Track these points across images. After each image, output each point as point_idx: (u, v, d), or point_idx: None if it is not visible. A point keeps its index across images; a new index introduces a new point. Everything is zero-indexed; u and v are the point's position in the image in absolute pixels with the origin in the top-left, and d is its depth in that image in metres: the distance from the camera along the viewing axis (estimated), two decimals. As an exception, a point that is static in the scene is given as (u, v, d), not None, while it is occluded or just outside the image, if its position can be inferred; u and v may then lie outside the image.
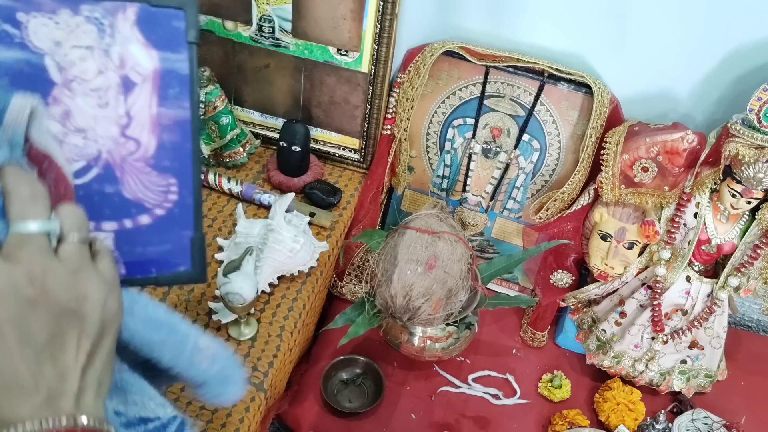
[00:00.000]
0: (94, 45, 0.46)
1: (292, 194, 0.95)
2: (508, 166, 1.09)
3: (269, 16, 1.03)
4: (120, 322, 0.43)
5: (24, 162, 0.42)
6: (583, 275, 1.12)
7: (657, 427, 0.97)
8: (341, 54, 1.03)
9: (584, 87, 1.00)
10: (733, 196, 0.90)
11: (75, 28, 0.46)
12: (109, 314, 0.41)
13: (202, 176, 1.04)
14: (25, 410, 0.37)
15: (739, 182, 0.88)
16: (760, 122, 0.84)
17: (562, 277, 1.08)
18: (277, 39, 1.05)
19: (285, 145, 1.04)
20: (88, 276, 0.41)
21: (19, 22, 0.45)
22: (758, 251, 0.94)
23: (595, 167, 0.99)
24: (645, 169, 0.93)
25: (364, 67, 1.03)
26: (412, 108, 1.05)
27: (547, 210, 1.05)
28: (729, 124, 0.87)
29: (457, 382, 1.06)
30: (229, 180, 1.04)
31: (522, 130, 1.06)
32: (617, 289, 1.05)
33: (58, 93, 0.46)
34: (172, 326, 0.49)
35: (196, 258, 0.50)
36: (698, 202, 0.94)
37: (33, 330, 0.38)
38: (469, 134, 1.08)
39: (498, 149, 1.08)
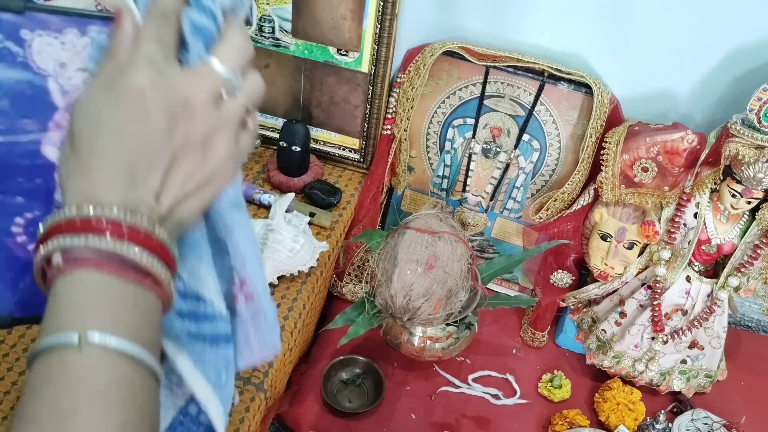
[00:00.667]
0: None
1: (292, 194, 0.95)
2: (508, 166, 1.09)
3: (269, 16, 1.03)
4: (225, 187, 0.43)
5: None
6: (583, 275, 1.12)
7: (657, 427, 0.97)
8: (341, 54, 1.03)
9: (584, 87, 1.00)
10: (733, 196, 0.90)
11: (81, 50, 0.44)
12: (224, 173, 0.42)
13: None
14: (121, 195, 0.38)
15: (739, 182, 0.88)
16: (760, 122, 0.84)
17: (562, 277, 1.08)
18: (277, 39, 1.05)
19: (285, 145, 1.04)
20: (227, 133, 0.42)
21: (23, 39, 0.42)
22: (758, 251, 0.94)
23: (595, 167, 0.99)
24: (645, 169, 0.93)
25: (364, 67, 1.03)
26: (412, 108, 1.05)
27: (547, 210, 1.05)
28: (729, 124, 0.87)
29: (457, 382, 1.06)
30: (229, 180, 1.04)
31: (522, 130, 1.06)
32: (617, 289, 1.05)
33: (59, 118, 0.44)
34: (248, 220, 0.48)
35: None
36: (698, 202, 0.94)
37: (163, 138, 0.39)
38: (469, 134, 1.08)
39: (498, 149, 1.08)
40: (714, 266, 1.00)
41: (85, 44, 0.44)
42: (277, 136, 1.08)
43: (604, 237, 1.00)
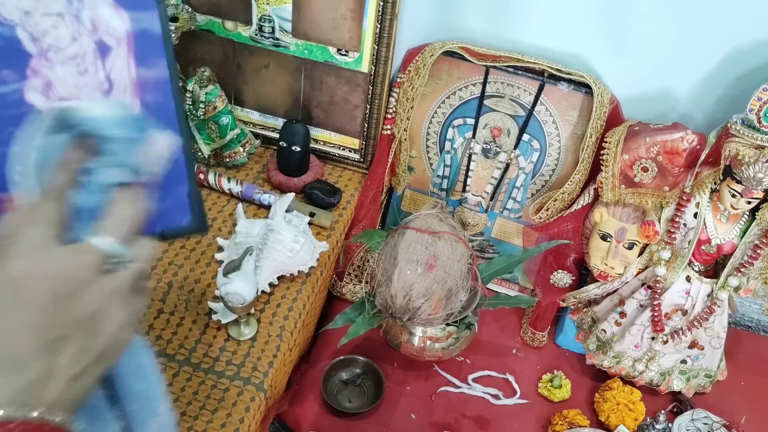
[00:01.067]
0: (63, 11, 0.46)
1: (292, 194, 0.95)
2: (508, 166, 1.09)
3: (269, 16, 1.03)
4: (120, 356, 0.44)
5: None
6: (583, 275, 1.12)
7: (657, 427, 0.97)
8: (341, 54, 1.03)
9: (584, 87, 1.00)
10: (733, 196, 0.90)
11: None
12: (118, 344, 0.43)
13: (202, 176, 1.04)
14: (6, 393, 0.38)
15: (739, 182, 0.88)
16: (760, 122, 0.84)
17: (562, 277, 1.08)
18: (277, 39, 1.05)
19: (285, 145, 1.04)
20: (120, 303, 0.42)
21: None
22: (758, 251, 0.94)
23: (595, 167, 0.99)
24: (645, 169, 0.93)
25: (364, 67, 1.03)
26: (412, 108, 1.05)
27: (547, 210, 1.05)
28: (729, 124, 0.87)
29: (457, 382, 1.06)
30: (229, 180, 1.04)
31: (522, 130, 1.06)
32: (617, 289, 1.05)
33: (35, 64, 0.45)
34: (151, 382, 0.50)
35: (195, 210, 0.50)
36: (698, 202, 0.94)
37: (49, 321, 0.39)
38: (469, 134, 1.08)
39: (498, 149, 1.08)
40: (714, 266, 1.00)
41: None
42: (277, 136, 1.08)
43: (604, 237, 1.00)
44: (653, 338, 1.02)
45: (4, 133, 0.45)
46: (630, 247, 0.99)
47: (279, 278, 0.93)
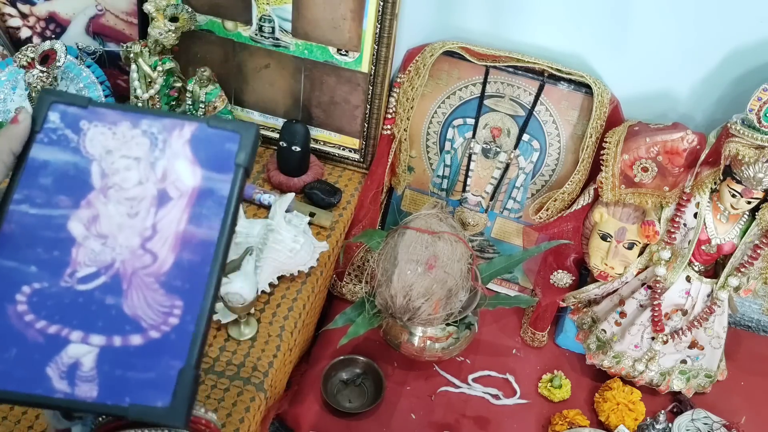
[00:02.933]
0: (142, 157, 0.47)
1: (292, 194, 0.95)
2: (508, 166, 1.09)
3: (269, 16, 1.03)
4: None
5: None
6: (583, 275, 1.12)
7: (657, 427, 0.97)
8: (341, 54, 1.03)
9: (584, 87, 1.00)
10: (733, 196, 0.90)
11: (130, 140, 0.47)
12: None
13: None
14: None
15: (739, 182, 0.88)
16: (760, 122, 0.84)
17: (562, 277, 1.08)
18: (277, 39, 1.05)
19: (285, 145, 1.04)
20: None
21: (81, 129, 0.47)
22: (758, 251, 0.94)
23: (595, 167, 0.99)
24: (645, 169, 0.93)
25: (364, 67, 1.03)
26: (412, 108, 1.05)
27: (547, 210, 1.05)
28: (729, 124, 0.87)
29: (457, 382, 1.06)
30: (229, 180, 1.04)
31: (522, 130, 1.06)
32: (617, 289, 1.05)
33: (93, 197, 0.46)
34: None
35: (180, 396, 0.42)
36: (698, 202, 0.94)
37: None
38: (469, 134, 1.08)
39: (498, 149, 1.08)
40: (714, 266, 1.00)
41: (135, 135, 0.47)
42: (277, 136, 1.08)
43: (604, 237, 1.00)
44: (653, 338, 1.02)
45: (31, 252, 0.45)
46: (630, 247, 0.99)
47: (279, 278, 0.93)
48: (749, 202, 0.90)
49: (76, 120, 0.47)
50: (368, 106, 1.06)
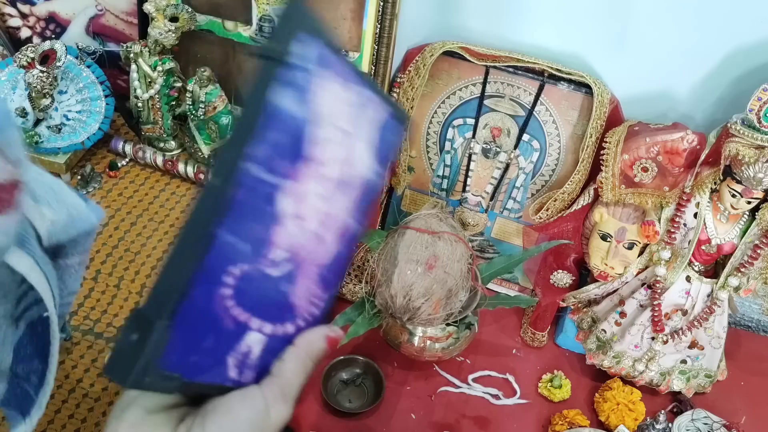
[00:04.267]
0: (348, 131, 0.41)
1: (292, 194, 0.95)
2: (508, 166, 1.09)
3: (269, 16, 1.03)
4: None
5: None
6: (583, 275, 1.12)
7: (657, 427, 0.97)
8: (341, 54, 1.03)
9: (584, 87, 1.00)
10: (733, 196, 0.90)
11: (346, 107, 0.40)
12: None
13: (201, 176, 1.04)
14: None
15: (739, 182, 0.88)
16: (760, 122, 0.84)
17: (562, 277, 1.08)
18: (277, 39, 1.04)
19: (285, 145, 1.04)
20: None
21: (316, 74, 0.38)
22: (758, 251, 0.94)
23: (595, 167, 0.99)
24: (645, 169, 0.93)
25: (364, 67, 1.03)
26: (412, 108, 1.05)
27: (547, 210, 1.05)
28: (729, 124, 0.87)
29: (457, 382, 1.06)
30: (229, 180, 1.04)
31: (522, 130, 1.06)
32: (617, 289, 1.05)
33: (304, 169, 0.39)
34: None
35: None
36: (698, 202, 0.94)
37: None
38: (469, 134, 1.08)
39: (498, 149, 1.08)
40: (714, 266, 1.00)
41: (350, 102, 0.41)
42: (277, 136, 1.08)
43: (604, 237, 1.00)
44: (653, 338, 1.02)
45: (248, 226, 0.37)
46: (630, 247, 0.99)
47: (279, 278, 0.93)
48: (749, 202, 0.90)
49: (321, 60, 0.38)
50: (368, 106, 1.06)
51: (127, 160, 1.09)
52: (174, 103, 1.06)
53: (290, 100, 0.36)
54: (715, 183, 0.91)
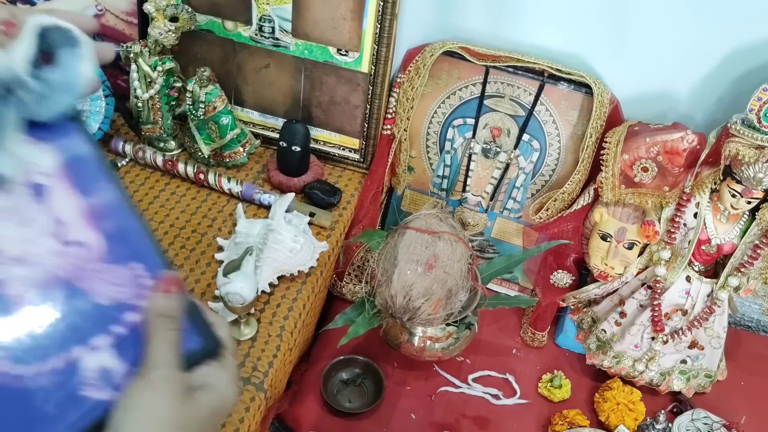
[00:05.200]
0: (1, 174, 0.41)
1: (292, 194, 0.95)
2: (508, 166, 1.09)
3: (269, 16, 1.03)
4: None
5: None
6: (583, 275, 1.12)
7: (657, 427, 0.97)
8: (341, 54, 1.03)
9: (584, 87, 1.00)
10: (733, 196, 0.90)
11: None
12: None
13: (202, 176, 1.04)
14: None
15: (739, 182, 0.88)
16: (760, 122, 0.84)
17: (562, 277, 1.08)
18: (277, 39, 1.05)
19: (285, 145, 1.04)
20: None
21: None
22: (758, 251, 0.94)
23: (595, 167, 0.99)
24: (645, 169, 0.93)
25: (364, 67, 1.03)
26: (412, 108, 1.05)
27: (547, 210, 1.05)
28: (729, 124, 0.87)
29: (457, 382, 1.06)
30: (229, 180, 1.04)
31: (522, 130, 1.06)
32: (617, 289, 1.05)
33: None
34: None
35: (200, 326, 0.45)
36: (698, 202, 0.94)
37: None
38: (469, 134, 1.08)
39: (498, 149, 1.08)
40: (714, 266, 1.00)
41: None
42: (277, 136, 1.08)
43: (604, 237, 1.00)
44: (653, 338, 1.02)
45: None
46: (630, 247, 0.99)
47: (279, 278, 0.93)
48: (749, 202, 0.90)
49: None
50: (368, 106, 1.06)
51: (127, 160, 1.09)
52: (174, 103, 1.06)
53: None
54: (715, 183, 0.91)
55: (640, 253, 1.01)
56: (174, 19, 0.98)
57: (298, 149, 1.04)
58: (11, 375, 0.38)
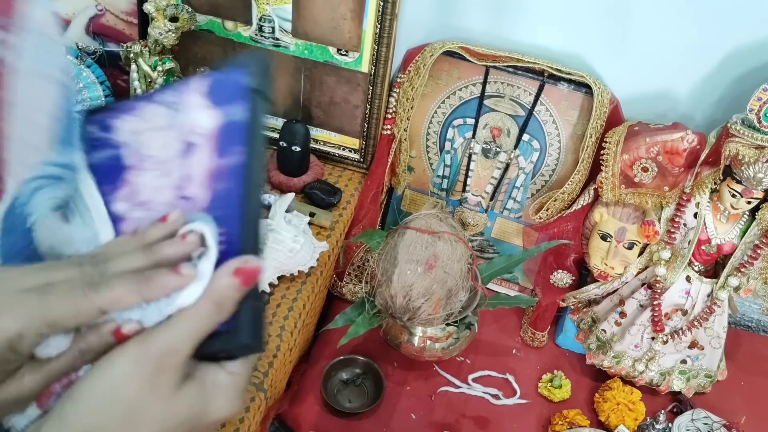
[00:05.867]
0: (165, 124, 0.46)
1: (292, 194, 0.95)
2: (508, 166, 1.09)
3: (269, 16, 1.03)
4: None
5: None
6: (583, 275, 1.12)
7: (657, 427, 0.97)
8: (341, 54, 1.03)
9: (584, 87, 1.00)
10: (733, 196, 0.90)
11: (153, 116, 0.46)
12: None
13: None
14: None
15: (739, 182, 0.88)
16: (760, 122, 0.84)
17: (562, 277, 1.08)
18: (277, 39, 1.05)
19: (285, 145, 1.04)
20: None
21: (110, 126, 0.47)
22: (758, 251, 0.94)
23: (595, 167, 0.99)
24: (645, 169, 0.93)
25: (364, 67, 1.03)
26: (412, 108, 1.05)
27: (547, 210, 1.05)
28: (729, 124, 0.87)
29: (457, 382, 1.06)
30: (229, 180, 1.04)
31: (522, 130, 1.06)
32: (617, 289, 1.05)
33: (129, 175, 0.46)
34: None
35: (245, 320, 0.40)
36: (698, 202, 0.94)
37: None
38: (469, 134, 1.08)
39: (498, 149, 1.08)
40: (714, 266, 1.00)
41: (157, 109, 0.47)
42: (277, 136, 1.08)
43: (604, 237, 1.00)
44: (653, 338, 1.02)
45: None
46: (630, 247, 0.99)
47: (279, 278, 0.93)
48: (749, 202, 0.90)
49: (105, 121, 0.47)
50: (368, 106, 1.06)
51: (127, 160, 1.09)
52: (174, 103, 1.06)
53: (99, 155, 0.47)
54: (715, 183, 0.91)
55: (640, 253, 1.01)
56: (174, 19, 0.98)
57: (298, 149, 1.04)
58: None
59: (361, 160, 1.13)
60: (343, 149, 1.13)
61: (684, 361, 1.04)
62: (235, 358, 0.41)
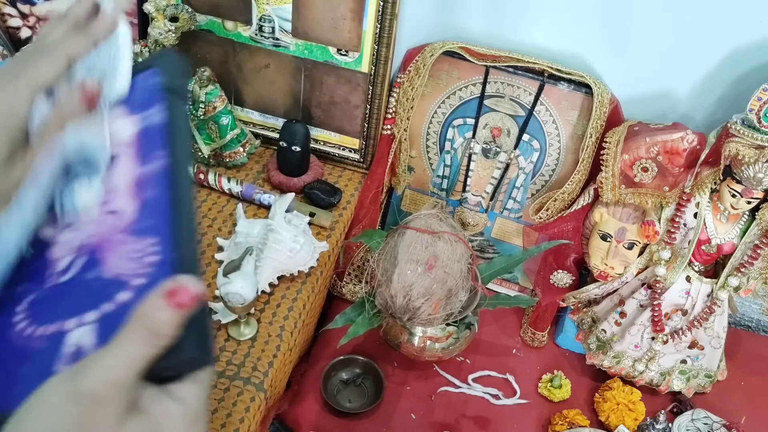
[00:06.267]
0: None
1: (292, 194, 0.95)
2: (508, 166, 1.09)
3: (269, 16, 1.03)
4: None
5: None
6: (583, 275, 1.12)
7: (657, 427, 0.97)
8: (341, 54, 1.03)
9: (584, 87, 1.00)
10: (733, 196, 0.90)
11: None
12: None
13: (202, 176, 1.04)
14: None
15: (739, 182, 0.88)
16: (760, 122, 0.84)
17: (562, 277, 1.08)
18: (277, 39, 1.05)
19: (285, 145, 1.04)
20: None
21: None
22: (758, 251, 0.94)
23: (595, 167, 0.99)
24: (645, 169, 0.93)
25: (364, 67, 1.03)
26: (412, 108, 1.05)
27: (547, 210, 1.05)
28: (729, 124, 0.87)
29: (457, 382, 1.06)
30: (229, 180, 1.04)
31: (522, 130, 1.06)
32: (617, 289, 1.05)
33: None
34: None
35: (190, 332, 0.35)
36: (698, 202, 0.94)
37: None
38: (469, 134, 1.08)
39: (498, 149, 1.08)
40: (714, 266, 1.00)
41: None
42: (277, 136, 1.08)
43: (604, 237, 1.00)
44: (653, 338, 1.02)
45: (19, 271, 0.43)
46: (630, 247, 0.99)
47: (279, 278, 0.93)
48: (749, 202, 0.90)
49: None
50: (368, 106, 1.06)
51: (127, 160, 1.09)
52: (174, 103, 1.06)
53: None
54: (715, 183, 0.91)
55: (640, 253, 1.01)
56: (174, 19, 0.98)
57: (298, 149, 1.04)
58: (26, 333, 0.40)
59: (361, 160, 1.13)
60: (343, 149, 1.13)
61: (684, 361, 1.04)
62: (183, 375, 0.37)
